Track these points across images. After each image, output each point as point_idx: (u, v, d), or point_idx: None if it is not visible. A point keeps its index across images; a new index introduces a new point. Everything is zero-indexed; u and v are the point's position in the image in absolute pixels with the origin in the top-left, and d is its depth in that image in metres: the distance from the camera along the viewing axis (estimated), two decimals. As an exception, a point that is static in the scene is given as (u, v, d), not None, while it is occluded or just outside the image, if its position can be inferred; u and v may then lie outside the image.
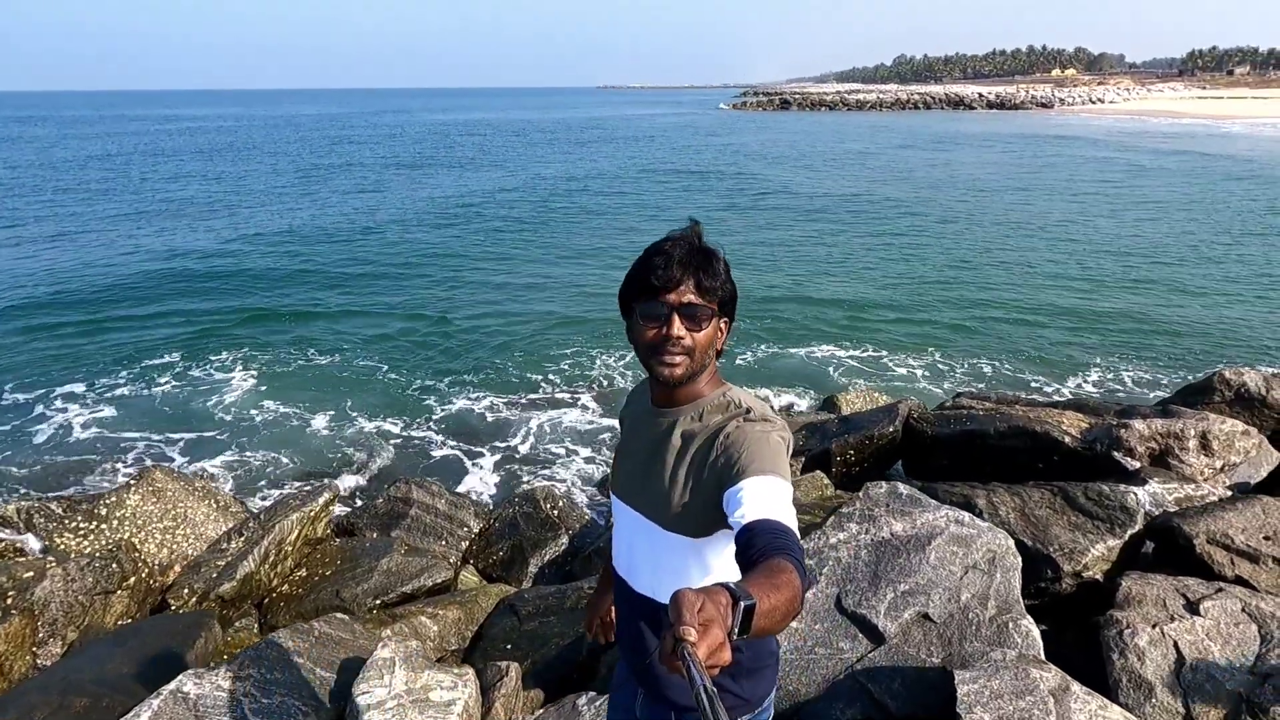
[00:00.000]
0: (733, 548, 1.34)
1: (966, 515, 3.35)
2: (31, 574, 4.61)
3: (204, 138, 52.60)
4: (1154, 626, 2.77)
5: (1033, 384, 9.29)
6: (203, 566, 5.12)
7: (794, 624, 3.05)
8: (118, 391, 9.03)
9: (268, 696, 2.65)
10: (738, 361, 9.97)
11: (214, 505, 6.58)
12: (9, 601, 4.37)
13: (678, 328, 1.43)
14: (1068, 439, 5.27)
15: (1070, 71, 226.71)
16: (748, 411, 1.51)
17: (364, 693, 2.62)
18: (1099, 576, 3.51)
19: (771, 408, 1.57)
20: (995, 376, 9.56)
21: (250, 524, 5.47)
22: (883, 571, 3.12)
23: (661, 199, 23.85)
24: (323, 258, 15.65)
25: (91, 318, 11.67)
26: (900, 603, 2.99)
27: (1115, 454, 5.04)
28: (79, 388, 9.05)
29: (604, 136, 52.28)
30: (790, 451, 1.51)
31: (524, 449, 7.75)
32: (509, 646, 4.15)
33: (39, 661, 4.28)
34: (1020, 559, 3.22)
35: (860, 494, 3.60)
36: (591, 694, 2.92)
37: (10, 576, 4.57)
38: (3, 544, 5.96)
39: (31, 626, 4.33)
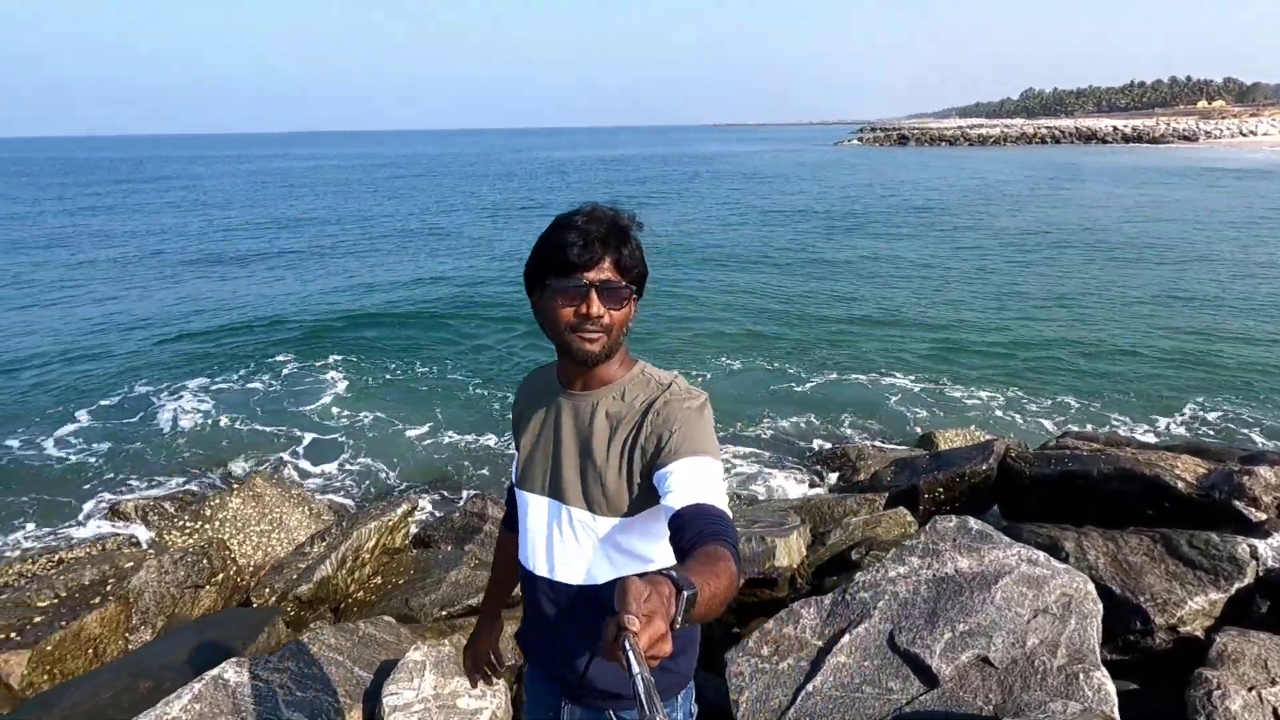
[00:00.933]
0: (664, 525, 1.33)
1: (1041, 555, 3.08)
2: (131, 564, 4.93)
3: (334, 174, 56.20)
4: (1250, 689, 2.45)
5: (1145, 427, 8.58)
6: (285, 568, 5.33)
7: (842, 658, 2.88)
8: (237, 395, 9.72)
9: (302, 690, 2.70)
10: (799, 388, 9.66)
11: (307, 512, 6.88)
12: (108, 588, 4.68)
13: (597, 307, 1.40)
14: (1180, 484, 4.82)
15: (1219, 103, 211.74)
16: (670, 386, 1.48)
17: (392, 694, 2.63)
18: (1199, 632, 3.15)
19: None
20: (1104, 417, 8.89)
21: (332, 530, 5.68)
22: (942, 609, 2.90)
23: (753, 226, 23.66)
24: (439, 285, 16.32)
25: (223, 329, 12.64)
26: (958, 644, 2.76)
27: (1236, 503, 4.56)
28: (205, 392, 9.79)
29: (713, 173, 52.51)
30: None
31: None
32: (562, 665, 4.11)
33: (129, 646, 4.55)
34: (1101, 606, 2.93)
35: (926, 527, 3.38)
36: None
37: (113, 565, 4.90)
38: (118, 537, 6.42)
39: (126, 613, 4.62)
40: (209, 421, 8.81)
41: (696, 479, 1.32)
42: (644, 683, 0.86)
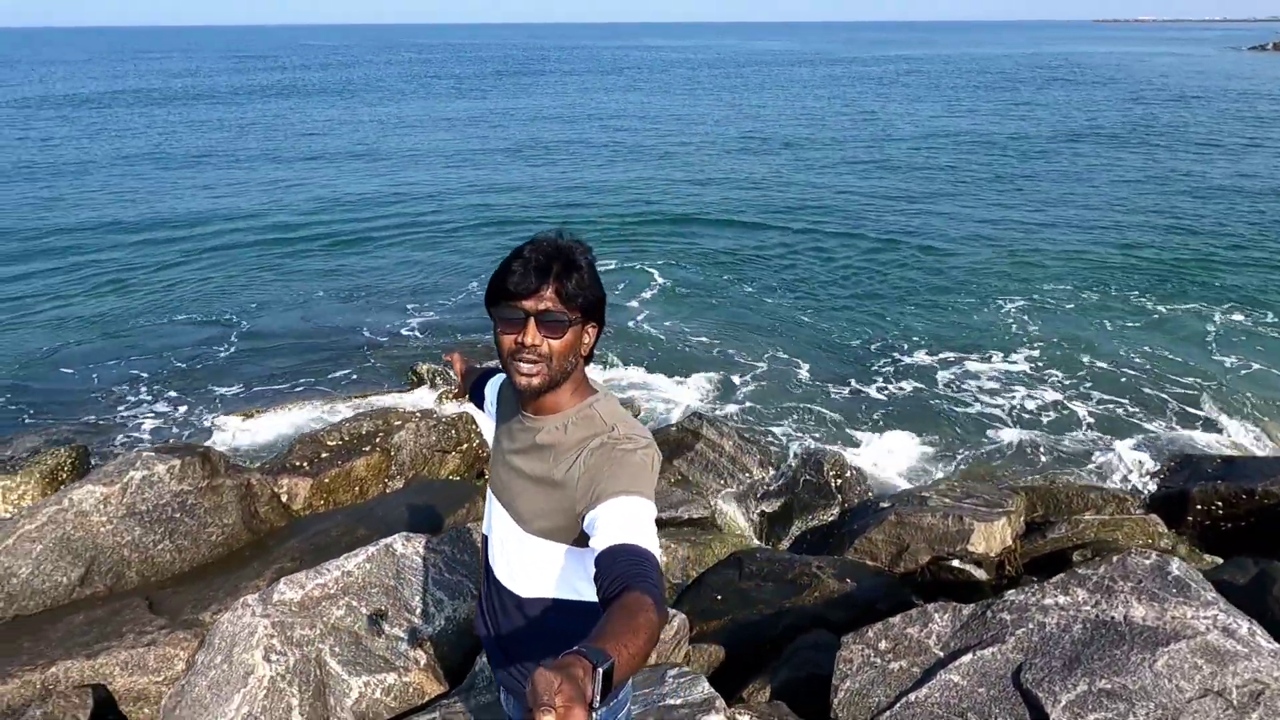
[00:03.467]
0: (589, 566, 1.32)
1: (1246, 627, 2.54)
2: (399, 423, 5.87)
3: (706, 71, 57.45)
4: None
5: None
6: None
7: (956, 677, 2.67)
8: None
9: (451, 573, 3.13)
10: (1128, 348, 8.33)
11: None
12: (378, 440, 5.65)
13: (533, 335, 1.39)
14: None
15: None
16: (612, 429, 1.44)
17: (514, 595, 2.95)
18: None
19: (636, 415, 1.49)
20: None
21: (562, 423, 6.25)
22: (1086, 657, 2.54)
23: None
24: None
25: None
26: (1090, 701, 2.42)
27: None
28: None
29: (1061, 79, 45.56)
30: (657, 468, 1.43)
31: (851, 409, 7.53)
32: (719, 598, 4.24)
33: (386, 490, 5.50)
34: (1312, 708, 2.38)
35: (1114, 559, 2.93)
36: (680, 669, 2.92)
37: (385, 421, 5.88)
38: (403, 395, 7.61)
39: (386, 464, 5.56)
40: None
41: (622, 519, 1.30)
42: None
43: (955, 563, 4.55)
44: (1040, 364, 8.33)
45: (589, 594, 1.53)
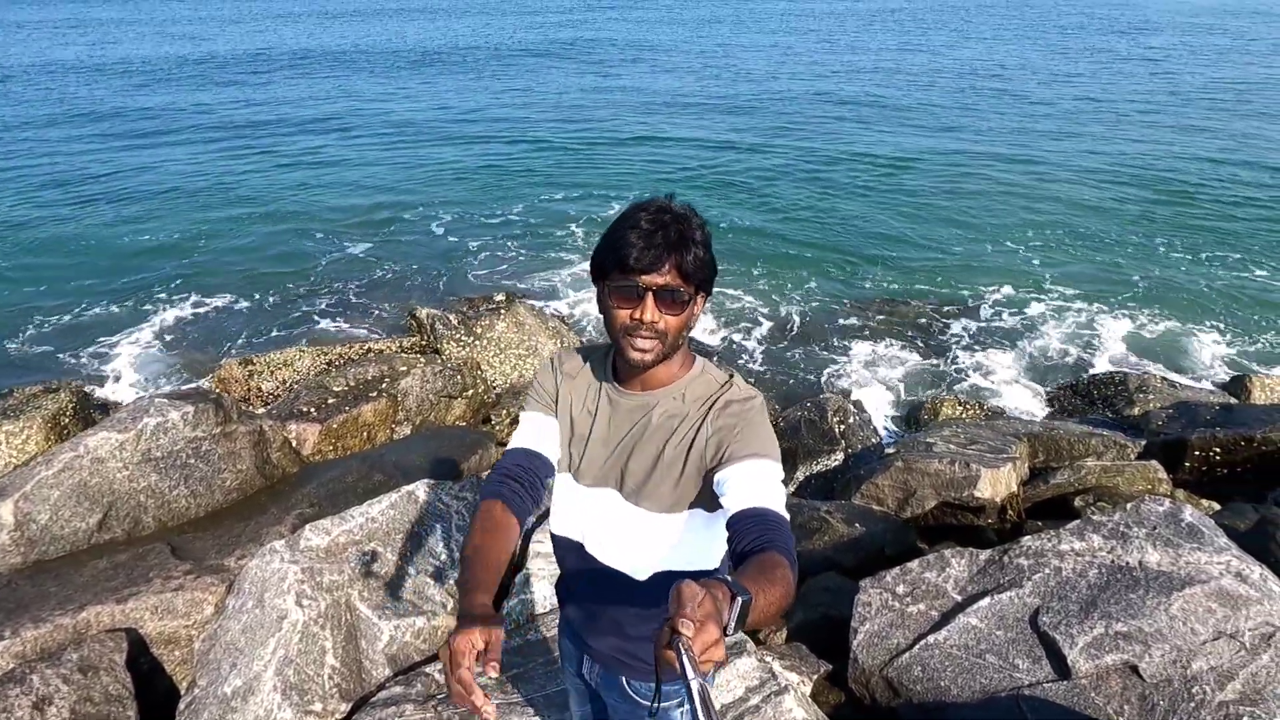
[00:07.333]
0: (717, 526, 1.34)
1: (1258, 571, 2.61)
2: (404, 369, 5.85)
3: None
4: None
5: None
6: (520, 394, 6.03)
7: (974, 620, 2.74)
8: (532, 224, 10.61)
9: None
10: (1115, 289, 8.36)
11: (560, 343, 7.60)
12: (384, 386, 5.64)
13: (652, 312, 1.34)
14: None
15: None
16: (729, 388, 1.44)
17: (538, 541, 2.98)
18: None
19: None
20: None
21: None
22: (1103, 601, 2.61)
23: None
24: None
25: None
26: (1106, 643, 2.50)
27: None
28: (492, 220, 10.83)
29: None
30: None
31: (862, 355, 7.56)
32: (730, 541, 4.32)
33: (394, 436, 5.51)
34: (1320, 650, 2.46)
35: (1128, 506, 2.99)
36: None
37: (390, 367, 5.86)
38: (405, 340, 7.57)
39: (393, 409, 5.56)
40: (495, 247, 9.83)
41: (755, 482, 1.31)
42: (699, 688, 0.87)
43: (962, 509, 4.63)
44: (1047, 304, 8.38)
45: (708, 561, 1.52)
